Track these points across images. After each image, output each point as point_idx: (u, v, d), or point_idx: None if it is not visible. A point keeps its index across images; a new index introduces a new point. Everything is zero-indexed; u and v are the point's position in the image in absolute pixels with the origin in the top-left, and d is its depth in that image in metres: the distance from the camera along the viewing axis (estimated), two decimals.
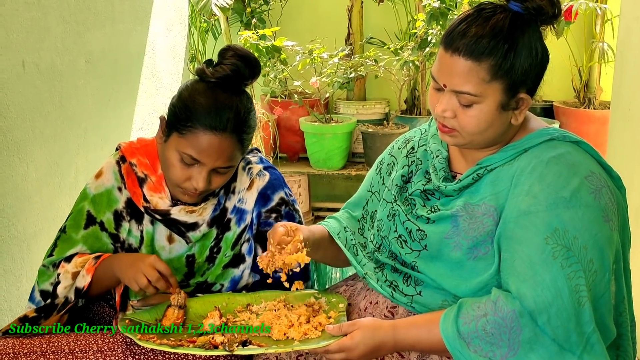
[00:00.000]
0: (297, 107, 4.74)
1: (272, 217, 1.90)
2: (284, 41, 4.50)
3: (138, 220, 1.90)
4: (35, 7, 2.49)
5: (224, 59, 1.76)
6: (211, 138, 1.71)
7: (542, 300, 1.45)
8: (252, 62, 1.77)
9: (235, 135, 1.73)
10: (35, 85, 2.51)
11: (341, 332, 1.58)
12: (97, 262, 1.80)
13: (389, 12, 5.15)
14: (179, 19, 4.13)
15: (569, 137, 1.60)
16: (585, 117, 5.07)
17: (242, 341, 1.60)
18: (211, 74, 1.74)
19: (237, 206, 1.90)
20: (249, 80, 1.79)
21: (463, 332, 1.49)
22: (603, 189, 1.52)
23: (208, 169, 1.74)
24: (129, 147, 1.93)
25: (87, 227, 1.89)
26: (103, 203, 1.90)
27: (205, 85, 1.75)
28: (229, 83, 1.75)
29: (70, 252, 1.88)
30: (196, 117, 1.71)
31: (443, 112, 1.57)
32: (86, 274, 1.79)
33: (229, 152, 1.74)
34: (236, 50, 1.77)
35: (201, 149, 1.72)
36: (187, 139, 1.72)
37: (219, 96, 1.73)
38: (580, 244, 1.47)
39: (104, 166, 1.93)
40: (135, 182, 1.89)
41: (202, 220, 1.87)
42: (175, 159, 1.76)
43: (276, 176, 1.95)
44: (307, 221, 4.67)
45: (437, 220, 1.64)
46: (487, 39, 1.50)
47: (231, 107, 1.72)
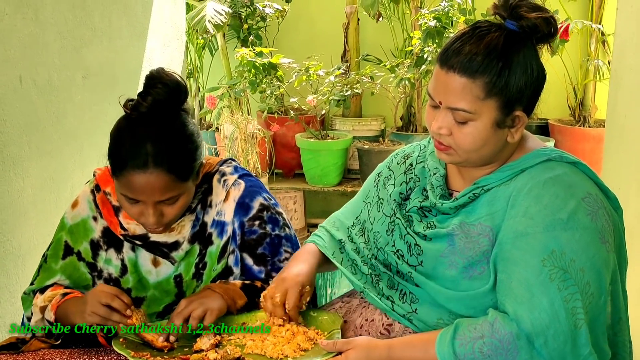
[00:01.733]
0: (293, 124, 4.74)
1: (256, 224, 1.89)
2: (281, 58, 4.51)
3: (117, 248, 1.88)
4: (33, 23, 2.50)
5: (145, 89, 1.69)
6: (138, 176, 1.66)
7: (539, 323, 1.45)
8: (171, 88, 1.69)
9: (161, 167, 1.67)
10: (32, 100, 2.51)
11: (335, 349, 1.57)
12: (61, 299, 1.78)
13: (385, 30, 5.17)
14: (175, 35, 4.15)
15: (566, 158, 1.60)
16: (580, 135, 5.08)
17: (235, 358, 1.60)
18: (131, 110, 1.70)
19: (216, 219, 1.89)
20: (174, 106, 1.72)
21: (459, 354, 1.48)
22: (600, 211, 1.53)
23: (151, 204, 1.71)
24: (103, 174, 1.90)
25: (65, 257, 1.88)
26: (80, 233, 1.89)
27: (127, 122, 1.72)
28: (150, 115, 1.69)
29: (49, 282, 1.88)
30: (121, 158, 1.68)
31: (439, 129, 1.57)
32: (50, 309, 1.79)
33: (160, 185, 1.68)
34: (156, 78, 1.69)
35: (134, 189, 1.68)
36: (120, 182, 1.70)
37: (137, 131, 1.69)
38: (577, 266, 1.47)
39: (80, 195, 1.92)
40: (111, 211, 1.88)
41: (182, 238, 1.86)
42: (122, 199, 1.74)
43: (252, 183, 1.93)
44: (302, 237, 4.66)
45: (433, 238, 1.64)
46: (482, 56, 1.51)
47: (149, 139, 1.66)
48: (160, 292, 1.88)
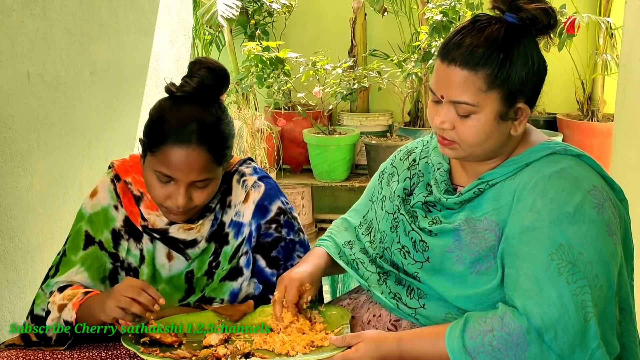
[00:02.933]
0: (301, 119, 4.75)
1: (272, 227, 1.89)
2: (288, 53, 4.52)
3: (137, 239, 1.88)
4: (41, 19, 2.50)
5: (191, 72, 1.75)
6: (179, 152, 1.69)
7: (549, 317, 1.44)
8: (218, 73, 1.75)
9: (203, 145, 1.70)
10: (40, 96, 2.52)
11: (345, 344, 1.58)
12: (84, 297, 1.75)
13: (392, 25, 5.16)
14: (183, 31, 4.15)
15: (570, 151, 1.60)
16: (588, 129, 5.06)
17: (244, 353, 1.60)
18: (177, 88, 1.74)
19: (234, 220, 1.89)
20: (218, 90, 1.77)
21: (469, 347, 1.48)
22: (606, 203, 1.52)
23: (184, 184, 1.72)
24: (122, 165, 1.92)
25: (87, 247, 1.87)
26: (100, 222, 1.88)
27: (171, 101, 1.74)
28: (195, 95, 1.73)
29: (67, 274, 1.85)
30: (163, 134, 1.70)
31: (441, 123, 1.57)
32: (72, 308, 1.74)
33: (200, 164, 1.71)
34: (203, 62, 1.76)
35: (171, 165, 1.70)
36: (158, 157, 1.71)
37: (182, 109, 1.72)
38: (585, 259, 1.47)
39: (99, 185, 1.91)
40: (131, 200, 1.88)
41: (200, 237, 1.86)
42: (153, 178, 1.74)
43: (271, 186, 1.93)
44: (310, 232, 4.67)
45: (439, 234, 1.64)
46: (483, 48, 1.51)
47: (195, 118, 1.70)
48: (171, 287, 1.88)
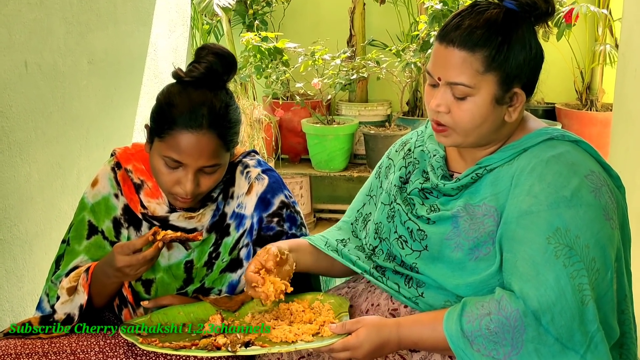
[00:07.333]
0: (299, 109, 4.74)
1: (274, 221, 1.89)
2: (286, 43, 4.50)
3: (136, 227, 1.89)
4: (38, 8, 2.49)
5: (199, 57, 1.75)
6: (189, 137, 1.69)
7: (545, 299, 1.45)
8: (226, 58, 1.76)
9: (213, 130, 1.71)
10: (38, 86, 2.51)
11: (345, 331, 1.58)
12: (88, 275, 1.77)
13: (391, 14, 5.15)
14: (181, 21, 4.14)
15: (567, 137, 1.60)
16: (587, 119, 5.06)
17: (245, 342, 1.59)
18: (185, 74, 1.74)
19: (236, 211, 1.89)
20: (225, 76, 1.77)
21: (466, 331, 1.49)
22: (603, 188, 1.53)
23: (193, 170, 1.72)
24: (123, 152, 1.92)
25: (90, 237, 1.88)
26: (102, 211, 1.88)
27: (180, 86, 1.74)
28: (203, 81, 1.73)
29: (72, 264, 1.86)
30: (172, 119, 1.70)
31: (437, 106, 1.57)
32: (82, 290, 1.77)
33: (210, 149, 1.71)
34: (210, 48, 1.76)
35: (181, 150, 1.70)
36: (167, 143, 1.71)
37: (192, 94, 1.72)
38: (582, 242, 1.47)
39: (99, 174, 1.92)
40: (131, 188, 1.88)
41: (201, 226, 1.86)
42: (161, 164, 1.74)
43: (275, 179, 1.93)
44: (309, 222, 4.67)
45: (437, 221, 1.64)
46: (482, 30, 1.52)
47: (205, 104, 1.71)
48: (169, 276, 1.88)
